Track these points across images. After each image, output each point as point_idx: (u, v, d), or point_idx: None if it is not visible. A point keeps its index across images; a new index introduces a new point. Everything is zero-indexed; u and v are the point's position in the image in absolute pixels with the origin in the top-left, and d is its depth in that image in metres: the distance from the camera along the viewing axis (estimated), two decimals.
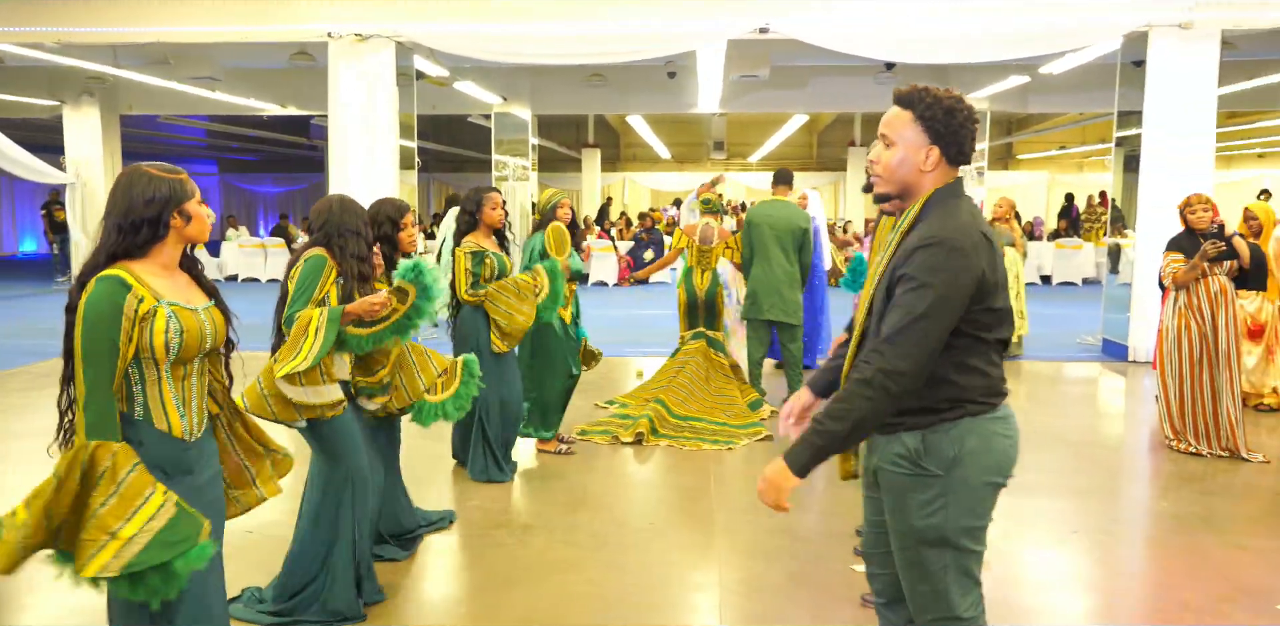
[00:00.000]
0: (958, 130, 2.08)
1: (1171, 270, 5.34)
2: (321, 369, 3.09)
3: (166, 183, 2.22)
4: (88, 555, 2.04)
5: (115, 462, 2.09)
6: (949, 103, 2.08)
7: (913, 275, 2.03)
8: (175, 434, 2.25)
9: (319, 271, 3.14)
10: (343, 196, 3.36)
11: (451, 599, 3.59)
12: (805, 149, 25.95)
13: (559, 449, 5.49)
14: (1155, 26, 8.08)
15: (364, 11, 8.65)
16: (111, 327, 2.11)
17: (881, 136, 2.16)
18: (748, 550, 4.04)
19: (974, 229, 2.08)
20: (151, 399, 2.21)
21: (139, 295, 2.15)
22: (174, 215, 2.21)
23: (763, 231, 6.30)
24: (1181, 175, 7.96)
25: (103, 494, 2.07)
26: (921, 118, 2.09)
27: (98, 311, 2.11)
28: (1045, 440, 5.76)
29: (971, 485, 2.12)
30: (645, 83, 13.32)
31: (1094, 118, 16.71)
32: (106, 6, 8.88)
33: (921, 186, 2.13)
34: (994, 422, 2.14)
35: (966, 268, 2.03)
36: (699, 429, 5.95)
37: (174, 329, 2.17)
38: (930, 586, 2.17)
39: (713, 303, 6.53)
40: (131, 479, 2.09)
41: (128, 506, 2.07)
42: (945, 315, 2.02)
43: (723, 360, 6.57)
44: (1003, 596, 3.57)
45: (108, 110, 13.74)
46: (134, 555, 2.04)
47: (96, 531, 2.05)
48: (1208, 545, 4.10)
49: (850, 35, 8.56)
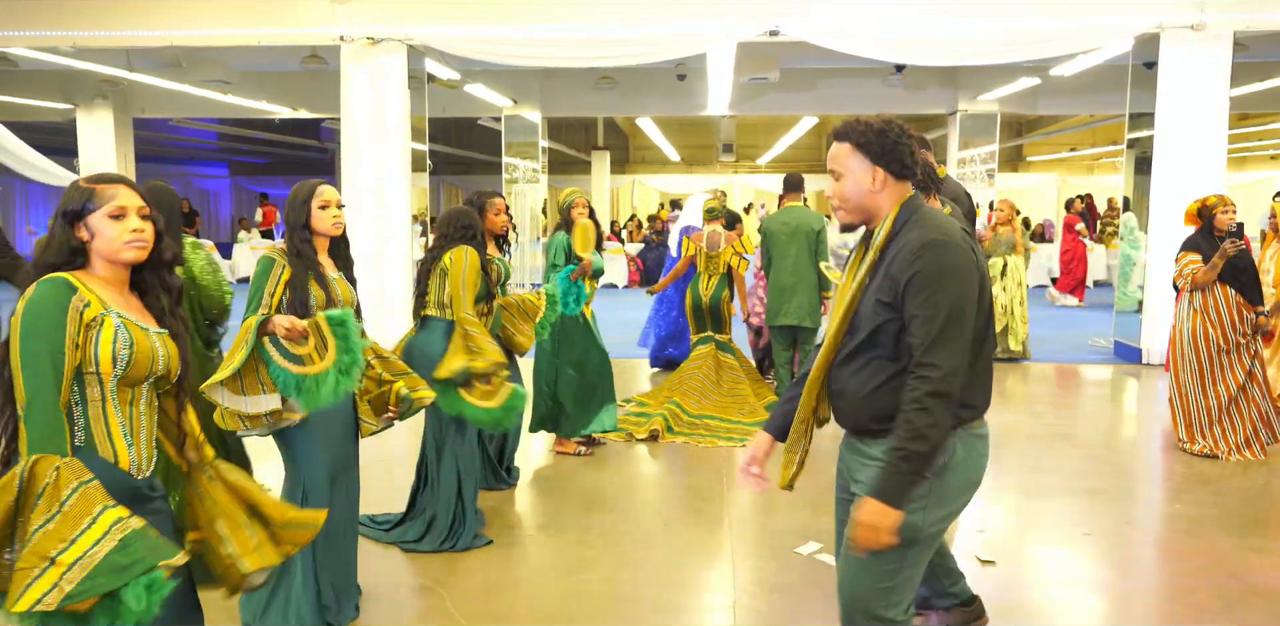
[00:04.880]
0: (893, 147, 2.18)
1: (1190, 271, 5.28)
2: (260, 379, 2.93)
3: (80, 193, 1.99)
4: (21, 587, 1.71)
5: (58, 478, 1.80)
6: (879, 125, 2.19)
7: (924, 280, 2.08)
8: (122, 465, 1.96)
9: (266, 273, 3.03)
10: (298, 187, 3.17)
11: (465, 598, 3.61)
12: (814, 151, 25.90)
13: (578, 451, 5.50)
14: (1167, 28, 8.06)
15: (376, 15, 8.69)
16: (55, 330, 1.87)
17: (831, 172, 2.26)
18: (760, 550, 4.05)
19: (955, 228, 2.18)
20: (94, 423, 1.94)
21: (85, 299, 1.92)
22: (78, 228, 1.98)
23: (778, 238, 6.35)
24: (1194, 177, 7.94)
25: (41, 514, 1.77)
26: (859, 145, 2.20)
27: (39, 312, 1.88)
28: (1058, 442, 5.75)
29: (951, 492, 2.23)
30: (655, 85, 13.35)
31: (1105, 120, 16.67)
32: (120, 10, 8.94)
33: (880, 206, 2.22)
34: (978, 438, 2.27)
35: (969, 260, 2.14)
36: (713, 426, 6.02)
37: (123, 340, 1.93)
38: (876, 583, 2.24)
39: (717, 307, 6.62)
40: (77, 496, 1.79)
41: (72, 527, 1.76)
42: (968, 308, 2.12)
43: (732, 362, 6.65)
44: (1014, 597, 3.57)
45: (120, 113, 13.82)
46: (76, 583, 1.71)
47: (33, 557, 1.73)
48: (1221, 547, 4.09)
49: (860, 38, 8.55)
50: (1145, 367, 8.24)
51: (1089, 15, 8.29)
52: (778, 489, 2.49)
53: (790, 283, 6.30)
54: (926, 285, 2.08)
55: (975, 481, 2.30)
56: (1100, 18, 8.28)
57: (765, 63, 10.62)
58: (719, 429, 5.99)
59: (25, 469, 1.81)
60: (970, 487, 2.29)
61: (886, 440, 2.16)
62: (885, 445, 2.16)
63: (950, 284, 2.09)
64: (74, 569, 1.72)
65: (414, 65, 8.97)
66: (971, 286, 2.12)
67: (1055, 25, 8.34)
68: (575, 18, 8.68)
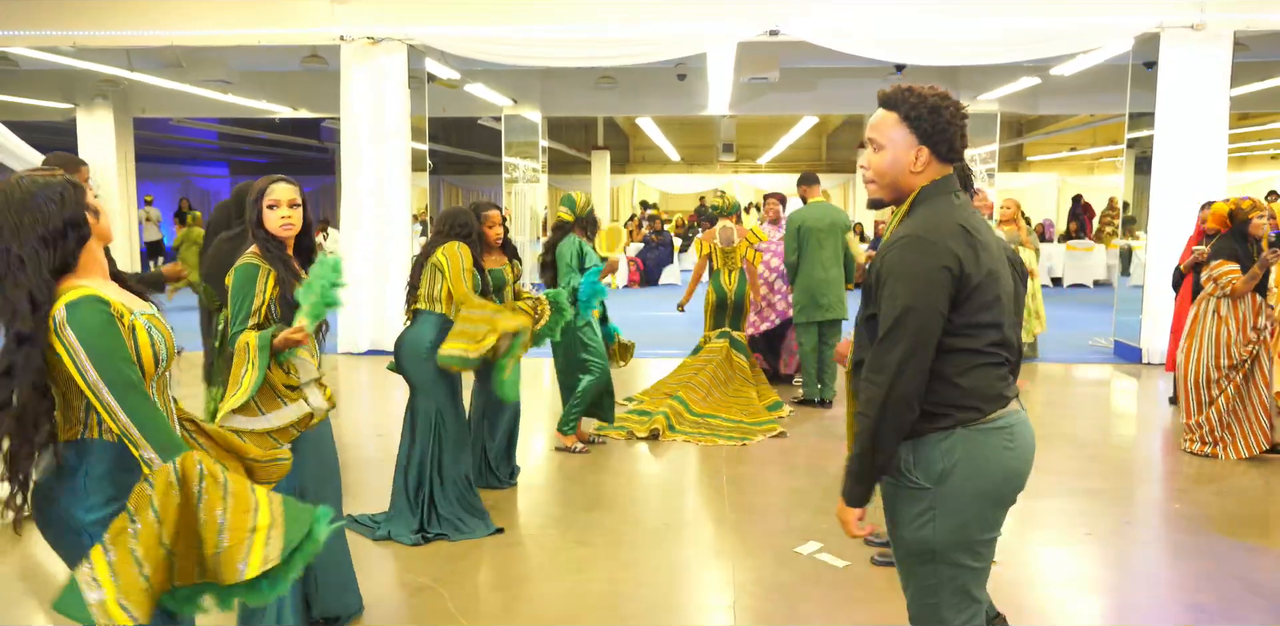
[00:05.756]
0: (945, 127, 2.03)
1: (1229, 281, 5.17)
2: (276, 391, 2.89)
3: (58, 180, 1.93)
4: (238, 559, 1.84)
5: (207, 467, 1.89)
6: (933, 100, 2.03)
7: (884, 275, 2.02)
8: None
9: (251, 282, 2.91)
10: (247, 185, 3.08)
11: (465, 597, 3.61)
12: (815, 151, 25.91)
13: (575, 447, 5.50)
14: (1167, 28, 8.06)
15: (376, 15, 8.69)
16: (118, 343, 1.87)
17: (870, 141, 2.11)
18: (760, 550, 4.05)
19: (951, 221, 2.03)
20: None
21: (117, 309, 1.91)
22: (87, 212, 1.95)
23: (815, 233, 6.42)
24: (1194, 177, 7.94)
25: (217, 502, 1.87)
26: (907, 118, 2.04)
27: (95, 331, 1.85)
28: (1058, 442, 5.75)
29: (962, 499, 2.05)
30: (655, 85, 13.35)
31: (1105, 119, 16.66)
32: (120, 10, 8.94)
33: (914, 187, 2.08)
34: (991, 433, 2.05)
35: (935, 254, 1.97)
36: (714, 425, 6.04)
37: (157, 338, 1.96)
38: (922, 599, 2.15)
39: (740, 302, 6.75)
40: (230, 477, 1.91)
41: (245, 501, 1.89)
42: (926, 306, 1.96)
43: (744, 362, 6.71)
44: (1016, 598, 3.57)
45: (121, 113, 13.82)
46: (282, 537, 1.86)
47: (237, 534, 1.85)
48: (1222, 547, 4.09)
49: (860, 38, 8.56)
50: (1145, 367, 8.24)
51: (1089, 15, 8.29)
52: (777, 489, 2.50)
53: (827, 277, 6.42)
54: (886, 281, 2.00)
55: (996, 484, 2.07)
56: (1100, 18, 8.29)
57: (765, 62, 10.62)
58: (720, 427, 6.01)
59: (176, 474, 1.86)
60: (990, 488, 2.07)
61: None
62: None
63: (906, 281, 1.97)
64: (273, 529, 1.87)
65: (414, 65, 8.98)
66: (934, 284, 1.96)
67: (1055, 25, 8.35)
68: (575, 18, 8.69)
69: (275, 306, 2.94)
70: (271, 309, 2.93)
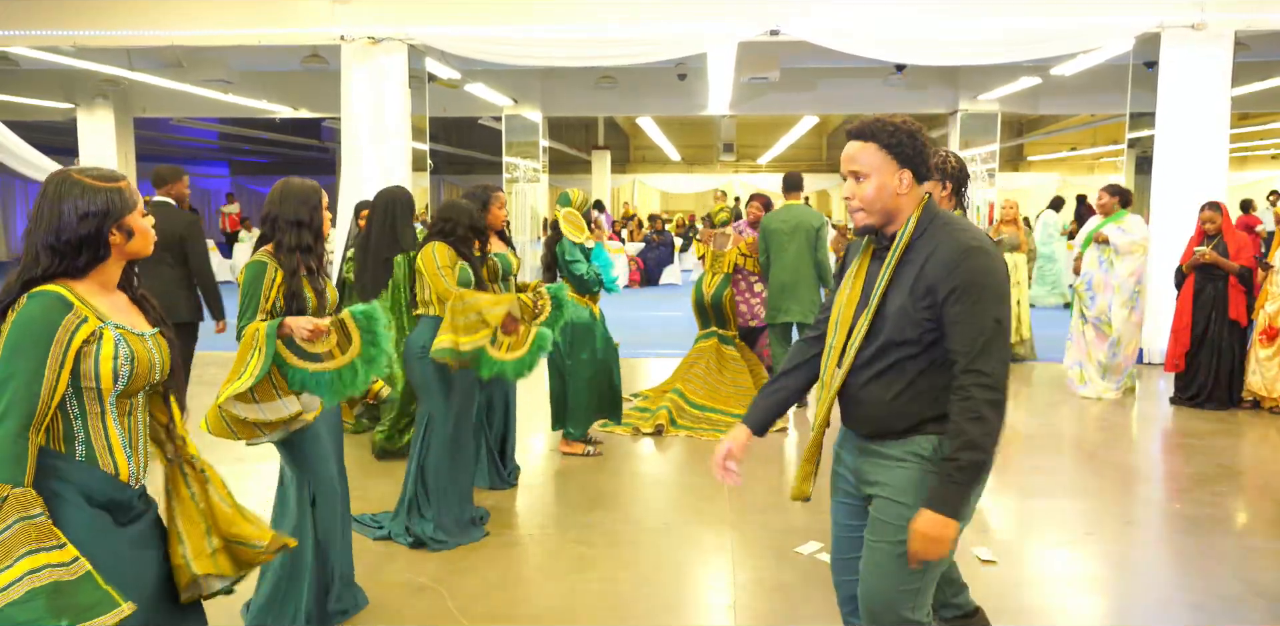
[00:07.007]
0: (921, 151, 2.18)
1: None
2: (274, 383, 2.92)
3: (103, 193, 1.90)
4: None
5: (2, 507, 1.72)
6: (907, 127, 2.17)
7: (968, 288, 2.09)
8: (123, 477, 1.93)
9: (260, 279, 3.00)
10: (287, 182, 3.18)
11: (465, 597, 3.61)
12: (815, 151, 25.92)
13: (586, 451, 5.49)
14: (1168, 28, 8.06)
15: (376, 15, 8.69)
16: (38, 351, 1.79)
17: (851, 173, 2.21)
18: (760, 550, 4.05)
19: (979, 230, 2.21)
20: (95, 436, 1.89)
21: (81, 315, 1.84)
22: (113, 231, 1.91)
23: (777, 236, 6.38)
24: (1195, 176, 7.94)
25: None
26: (887, 146, 2.16)
27: (27, 331, 1.79)
28: (1057, 442, 5.75)
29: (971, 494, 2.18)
30: (655, 85, 13.35)
31: (1106, 119, 16.67)
32: (121, 10, 8.94)
33: (902, 209, 2.20)
34: None
35: (1001, 266, 2.16)
36: (715, 421, 6.10)
37: (124, 354, 1.88)
38: (902, 586, 2.21)
39: (719, 305, 6.75)
40: (14, 531, 1.71)
41: (6, 555, 1.70)
42: (1007, 314, 2.14)
43: (734, 353, 6.78)
44: (1016, 598, 3.57)
45: (121, 113, 13.83)
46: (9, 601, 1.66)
47: None
48: (1221, 546, 4.09)
49: (860, 37, 8.56)
50: (1145, 367, 8.23)
51: (1089, 15, 8.29)
52: (777, 489, 2.49)
53: (791, 280, 6.32)
54: (970, 293, 2.09)
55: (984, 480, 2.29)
56: (1100, 17, 8.29)
57: (765, 62, 10.62)
58: (721, 422, 6.07)
59: None
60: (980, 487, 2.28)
61: (912, 441, 2.18)
62: (909, 447, 2.18)
63: (993, 292, 2.11)
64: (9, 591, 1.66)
65: (414, 65, 8.98)
66: (1009, 292, 2.17)
67: (1055, 25, 8.34)
68: (575, 18, 8.68)
69: (281, 301, 3.03)
70: (277, 304, 3.02)
